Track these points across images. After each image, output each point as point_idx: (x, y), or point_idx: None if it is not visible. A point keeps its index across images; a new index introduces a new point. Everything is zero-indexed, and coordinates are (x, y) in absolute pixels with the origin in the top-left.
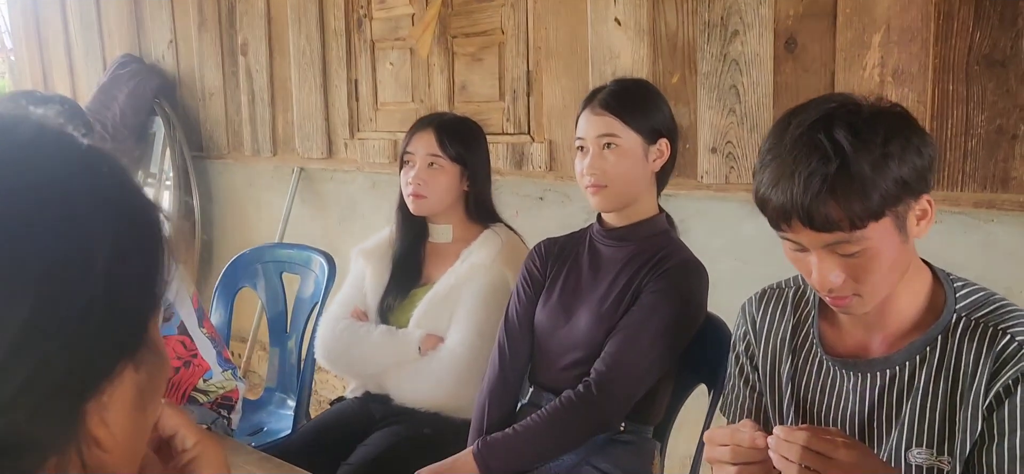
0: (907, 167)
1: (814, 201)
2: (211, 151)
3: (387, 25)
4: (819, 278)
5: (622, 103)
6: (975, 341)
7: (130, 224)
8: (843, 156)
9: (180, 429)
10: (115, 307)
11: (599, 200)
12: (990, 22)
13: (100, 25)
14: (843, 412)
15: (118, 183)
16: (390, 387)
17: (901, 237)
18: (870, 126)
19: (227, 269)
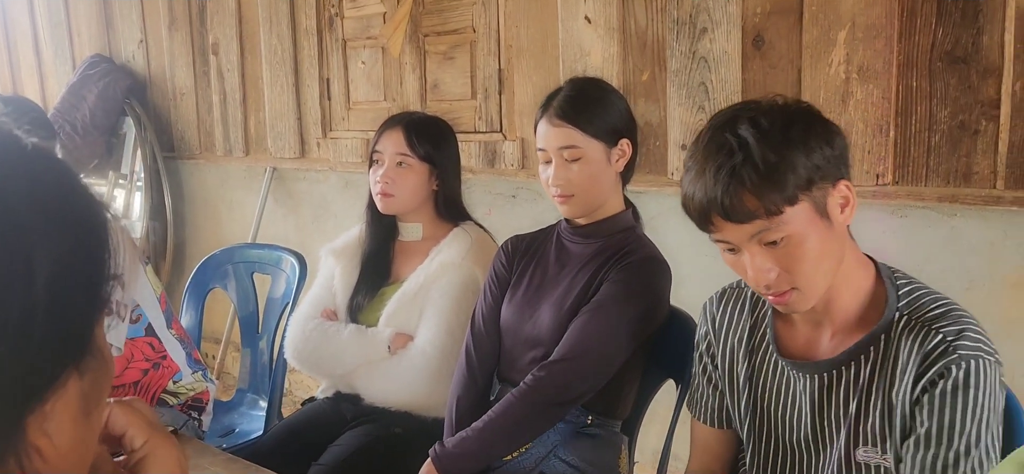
0: (815, 154)
1: (726, 194)
2: (182, 151)
3: (359, 24)
4: (754, 274)
5: (579, 110)
6: (911, 339)
7: (74, 229)
8: (747, 148)
9: (129, 428)
10: (58, 315)
11: (568, 209)
12: (952, 19)
13: (69, 25)
14: (795, 413)
15: (62, 186)
16: (360, 387)
17: (824, 223)
18: (771, 119)
19: (197, 270)
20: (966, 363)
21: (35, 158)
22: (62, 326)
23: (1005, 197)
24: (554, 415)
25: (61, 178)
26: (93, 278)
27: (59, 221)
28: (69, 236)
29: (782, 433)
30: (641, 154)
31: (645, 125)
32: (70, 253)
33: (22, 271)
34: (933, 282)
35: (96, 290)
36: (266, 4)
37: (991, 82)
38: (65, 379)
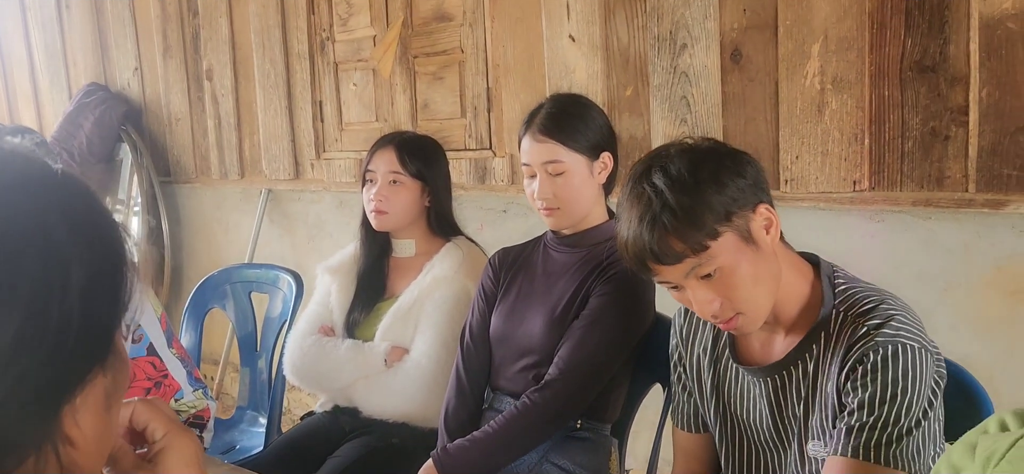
0: (728, 188)
1: (652, 241)
2: (179, 176)
3: (350, 47)
4: (698, 307)
5: (561, 126)
6: (845, 335)
7: (101, 245)
8: (662, 196)
9: (150, 422)
10: (89, 320)
11: (553, 221)
12: (920, 30)
13: (65, 54)
14: (757, 414)
15: (89, 208)
16: (358, 400)
17: (752, 248)
18: (680, 164)
19: (196, 291)
20: (883, 348)
21: (66, 183)
22: (92, 330)
23: (977, 200)
24: (554, 430)
25: (88, 201)
26: (116, 288)
27: (89, 238)
28: (98, 252)
29: (748, 433)
30: (626, 167)
31: (630, 139)
32: (99, 267)
33: (60, 283)
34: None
35: (119, 298)
36: (259, 30)
37: (959, 89)
38: (93, 376)
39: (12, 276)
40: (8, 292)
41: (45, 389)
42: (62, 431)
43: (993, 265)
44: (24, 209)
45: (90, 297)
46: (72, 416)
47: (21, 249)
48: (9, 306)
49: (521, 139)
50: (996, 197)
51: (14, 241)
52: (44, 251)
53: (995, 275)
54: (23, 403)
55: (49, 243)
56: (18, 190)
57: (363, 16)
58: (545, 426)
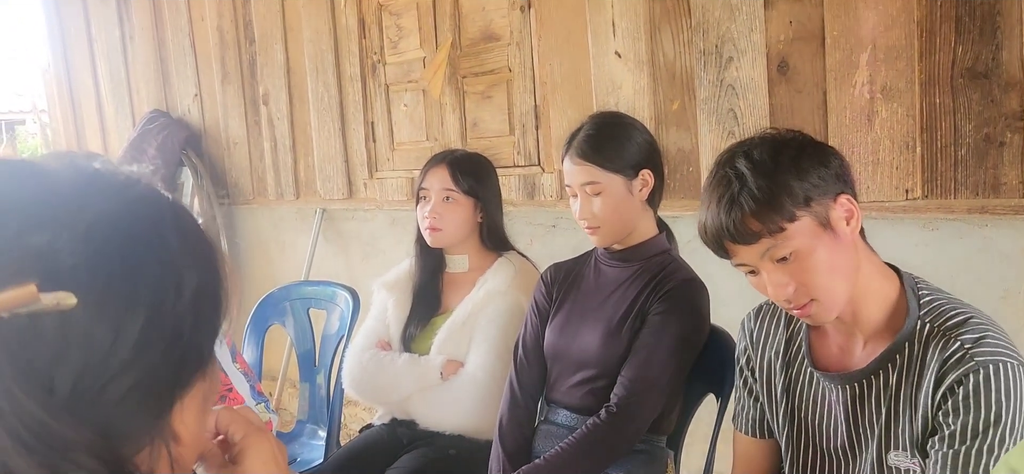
0: (809, 175)
1: (730, 221)
2: (237, 197)
3: (400, 69)
4: (773, 290)
5: (597, 149)
6: (932, 346)
7: (206, 258)
8: (743, 179)
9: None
10: (197, 327)
11: (597, 239)
12: (970, 36)
13: (129, 83)
14: (830, 422)
15: (197, 231)
16: (415, 412)
17: (830, 236)
18: (762, 151)
19: (257, 308)
20: (984, 368)
21: (178, 207)
22: (199, 336)
23: None
24: (626, 451)
25: (196, 223)
26: (218, 300)
27: (198, 254)
28: (203, 263)
29: (819, 441)
30: (675, 180)
31: (677, 152)
32: (205, 277)
33: (175, 290)
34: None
35: (219, 310)
36: (313, 55)
37: (1014, 95)
38: (197, 379)
39: (136, 281)
40: (133, 296)
41: (161, 386)
42: (172, 427)
43: None
44: (147, 223)
45: (199, 304)
46: (180, 414)
47: (143, 258)
48: (134, 308)
49: (562, 160)
50: None
51: (138, 250)
52: (162, 261)
53: None
54: (143, 397)
55: (167, 254)
56: (141, 205)
57: (413, 38)
58: (617, 447)
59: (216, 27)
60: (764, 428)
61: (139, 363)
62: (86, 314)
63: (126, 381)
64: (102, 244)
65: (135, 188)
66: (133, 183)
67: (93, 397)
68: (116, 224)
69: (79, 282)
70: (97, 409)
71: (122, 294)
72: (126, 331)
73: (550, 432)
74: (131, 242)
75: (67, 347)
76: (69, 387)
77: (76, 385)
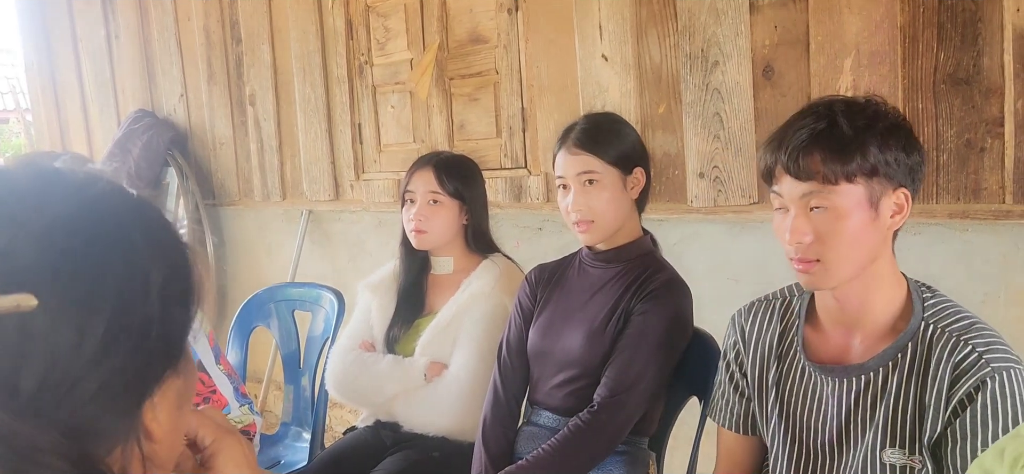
0: (889, 152)
1: (798, 150)
2: (223, 198)
3: (387, 70)
4: (790, 232)
5: (595, 140)
6: (938, 348)
7: (173, 259)
8: (832, 118)
9: (199, 429)
10: (166, 324)
11: (587, 236)
12: (952, 43)
13: (114, 83)
14: (823, 416)
15: (163, 227)
16: (399, 414)
17: (871, 215)
18: (864, 107)
19: (241, 310)
20: (999, 374)
21: (142, 204)
22: (168, 332)
23: (1014, 211)
24: (609, 452)
25: (161, 218)
26: (188, 295)
27: (164, 250)
28: (171, 262)
29: (807, 437)
30: (660, 183)
31: (663, 156)
32: (172, 276)
33: (141, 288)
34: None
35: (189, 307)
36: (299, 55)
37: (994, 101)
38: (169, 376)
39: (101, 280)
40: (97, 295)
41: (130, 383)
42: (144, 424)
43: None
44: (108, 221)
45: (166, 301)
46: (152, 411)
47: (107, 256)
48: (98, 307)
49: (555, 156)
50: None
51: (101, 248)
52: (126, 258)
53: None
54: (112, 396)
55: (131, 251)
56: (102, 203)
57: (400, 40)
58: (600, 448)
59: (202, 27)
60: (749, 424)
61: (106, 362)
62: (48, 315)
63: (93, 381)
64: (62, 244)
65: (96, 186)
66: (94, 181)
67: (59, 398)
68: (76, 223)
69: (39, 283)
70: (64, 410)
71: (85, 293)
72: (91, 330)
73: (533, 433)
74: (93, 240)
75: (30, 348)
76: (34, 388)
77: (41, 386)
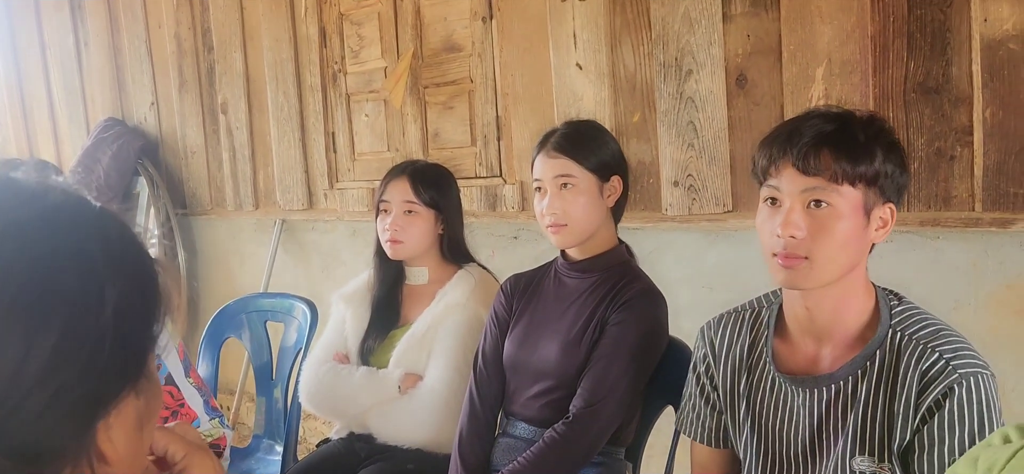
0: (890, 164)
1: (809, 144)
2: (194, 208)
3: (361, 79)
4: (784, 223)
5: (574, 145)
6: (907, 356)
7: (134, 273)
8: (844, 122)
9: (169, 446)
10: (122, 342)
11: (560, 238)
12: (922, 53)
13: (83, 90)
14: (794, 427)
15: (123, 236)
16: (373, 426)
17: (862, 223)
18: (871, 119)
19: (212, 321)
20: (966, 381)
21: (102, 215)
22: (124, 350)
23: (984, 219)
24: (585, 463)
25: (123, 231)
26: (148, 314)
27: (123, 263)
28: (130, 276)
29: (779, 447)
30: (635, 192)
31: (638, 164)
32: (131, 290)
33: (95, 303)
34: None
35: (150, 324)
36: (272, 64)
37: (963, 110)
38: (125, 395)
39: (50, 293)
40: (47, 308)
41: (80, 403)
42: (96, 446)
43: (1002, 283)
44: (62, 232)
45: (122, 318)
46: (106, 432)
47: (59, 268)
48: (48, 321)
49: (534, 160)
50: (1003, 216)
51: (52, 260)
52: (80, 271)
53: (1004, 293)
54: (60, 415)
55: (85, 264)
56: (57, 213)
57: (374, 48)
58: (576, 459)
59: (174, 34)
60: (721, 437)
61: (54, 380)
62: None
63: (40, 399)
64: (10, 255)
65: (51, 196)
66: (50, 191)
67: (4, 416)
68: (27, 234)
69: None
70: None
71: (33, 307)
72: (38, 346)
73: (509, 445)
74: (44, 253)
75: None
76: None
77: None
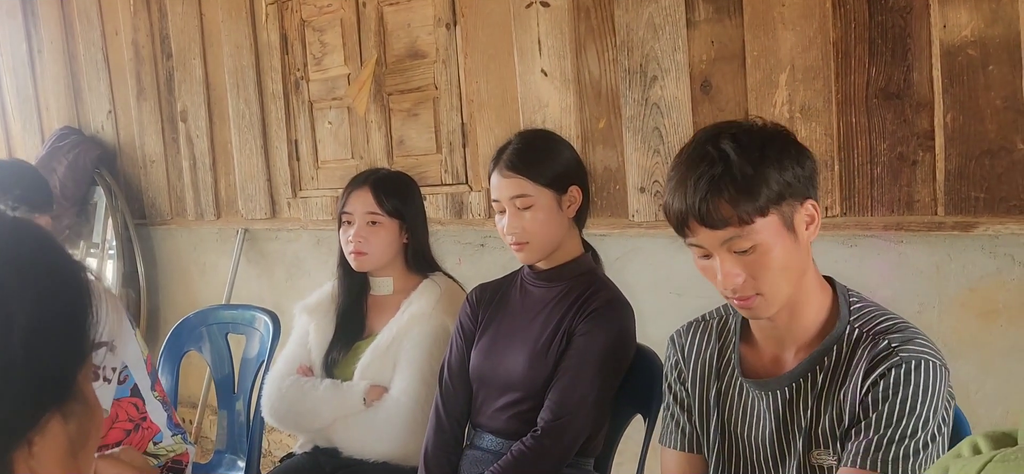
0: (787, 172)
1: (704, 202)
2: (154, 217)
3: (324, 86)
4: (723, 277)
5: (527, 162)
6: (860, 349)
7: (50, 289)
8: (727, 161)
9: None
10: (36, 364)
11: (523, 256)
12: (883, 58)
13: (37, 98)
14: (760, 431)
15: (40, 251)
16: (338, 440)
17: (791, 237)
18: (750, 137)
19: (171, 334)
20: (908, 362)
21: (15, 227)
22: (40, 374)
23: (946, 222)
24: None
25: (39, 244)
26: (70, 332)
27: (35, 281)
28: (45, 295)
29: (747, 452)
30: (602, 198)
31: (604, 170)
32: (46, 309)
33: (1, 328)
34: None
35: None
36: (233, 70)
37: (924, 115)
38: (47, 421)
39: None
40: None
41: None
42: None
43: (965, 286)
44: None
45: (36, 341)
46: (26, 462)
47: None
48: None
49: (490, 176)
50: (965, 219)
51: None
52: None
53: (968, 296)
54: None
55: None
56: None
57: (337, 55)
58: (545, 472)
59: (131, 41)
60: (694, 443)
61: None
62: None
63: None
64: None
65: None
66: None
67: None
68: None
69: None
70: None
71: None
72: None
73: (476, 458)
74: None
75: None
76: None
77: None
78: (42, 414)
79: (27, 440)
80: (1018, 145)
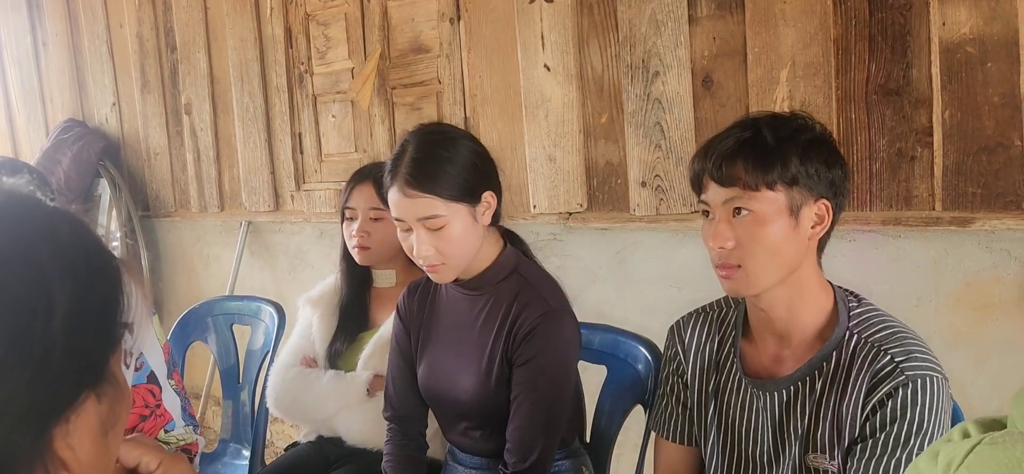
0: (810, 165)
1: (723, 157)
2: (158, 210)
3: (328, 80)
4: (713, 239)
5: (432, 175)
6: (860, 358)
7: (88, 276)
8: (757, 129)
9: (142, 457)
10: (74, 346)
11: (439, 276)
12: (883, 55)
13: (42, 91)
14: (757, 428)
15: (78, 240)
16: (342, 429)
17: (791, 223)
18: (790, 124)
19: (177, 325)
20: (914, 381)
21: (54, 215)
22: (78, 355)
23: (944, 218)
24: None
25: (77, 231)
26: (106, 317)
27: (74, 266)
28: (83, 279)
29: (744, 447)
30: (603, 193)
31: (606, 165)
32: (84, 294)
33: (43, 308)
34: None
35: (109, 326)
36: (237, 63)
37: (923, 111)
38: (83, 400)
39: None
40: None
41: (32, 410)
42: (54, 452)
43: (962, 281)
44: (8, 236)
45: (75, 323)
46: (64, 439)
47: (3, 275)
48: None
49: (388, 189)
50: (962, 215)
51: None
52: (26, 277)
53: (964, 291)
54: (11, 423)
55: (32, 269)
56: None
57: (341, 49)
58: None
59: (136, 34)
60: (690, 435)
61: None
62: None
63: None
64: None
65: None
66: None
67: None
68: None
69: None
70: None
71: None
72: None
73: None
74: None
75: None
76: None
77: None
78: (79, 394)
79: (65, 418)
80: (1015, 142)
